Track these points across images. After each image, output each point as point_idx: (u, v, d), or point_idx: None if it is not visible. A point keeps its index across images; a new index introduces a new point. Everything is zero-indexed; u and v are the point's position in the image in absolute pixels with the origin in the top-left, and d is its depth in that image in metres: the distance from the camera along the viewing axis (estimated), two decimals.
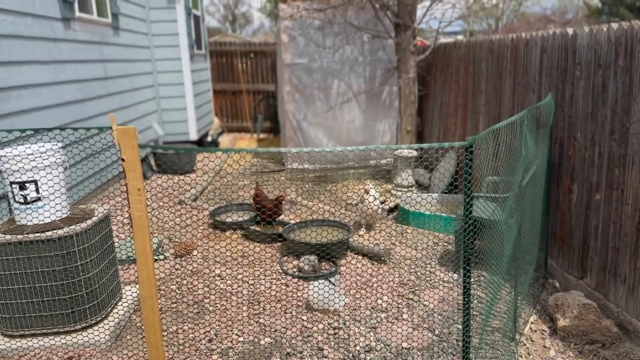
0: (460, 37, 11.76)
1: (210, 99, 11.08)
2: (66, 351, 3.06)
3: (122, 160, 1.96)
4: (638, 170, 3.08)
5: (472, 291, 3.44)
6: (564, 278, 3.93)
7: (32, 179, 3.04)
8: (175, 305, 3.68)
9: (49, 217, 3.14)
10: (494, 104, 5.26)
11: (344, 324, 3.42)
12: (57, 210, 3.18)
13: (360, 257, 4.51)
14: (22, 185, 3.04)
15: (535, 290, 3.92)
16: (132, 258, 4.34)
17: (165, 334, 3.30)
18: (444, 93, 7.01)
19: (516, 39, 4.66)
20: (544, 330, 3.42)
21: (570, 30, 3.74)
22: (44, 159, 3.05)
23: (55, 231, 3.02)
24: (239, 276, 4.12)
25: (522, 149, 2.88)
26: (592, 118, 3.51)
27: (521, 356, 3.12)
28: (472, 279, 3.44)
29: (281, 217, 5.27)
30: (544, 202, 4.07)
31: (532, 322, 3.51)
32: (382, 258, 4.42)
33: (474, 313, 3.30)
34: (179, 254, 4.52)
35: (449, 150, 6.72)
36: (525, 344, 3.26)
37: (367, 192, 5.04)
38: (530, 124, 3.40)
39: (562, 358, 3.12)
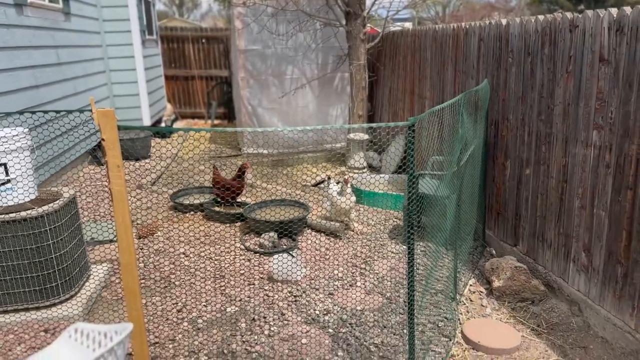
0: (408, 25, 12.19)
1: (163, 85, 11.06)
2: (41, 325, 3.22)
3: (103, 140, 2.15)
4: (561, 147, 3.50)
5: (417, 260, 3.80)
6: (500, 246, 4.37)
7: (1, 162, 3.15)
8: (143, 281, 3.87)
9: (18, 198, 3.27)
10: (437, 89, 5.65)
11: (304, 292, 3.72)
12: (26, 192, 3.30)
13: (317, 234, 4.81)
14: None
15: (474, 258, 4.34)
16: (96, 240, 4.47)
17: None
18: (393, 79, 7.37)
19: (457, 29, 5.03)
20: (481, 292, 3.83)
21: (504, 21, 4.12)
22: (11, 143, 3.16)
23: (27, 212, 3.16)
24: (203, 254, 4.34)
25: (459, 128, 3.23)
26: (523, 101, 3.92)
27: (461, 313, 3.51)
28: (416, 249, 3.80)
29: (241, 199, 5.50)
30: (482, 179, 4.49)
31: (471, 285, 3.92)
32: (338, 234, 4.74)
33: (420, 278, 3.67)
34: (143, 235, 4.69)
35: (398, 134, 7.09)
36: (465, 304, 3.66)
37: (346, 183, 4.80)
38: (468, 106, 3.77)
39: (497, 314, 3.53)
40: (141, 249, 4.45)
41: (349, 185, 4.81)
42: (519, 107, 3.97)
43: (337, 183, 5.00)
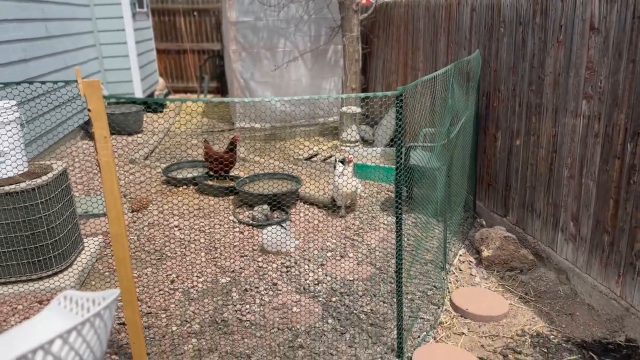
0: None
1: (154, 59, 10.94)
2: (35, 296, 3.25)
3: (89, 110, 2.14)
4: (551, 117, 3.51)
5: (407, 231, 3.84)
6: (490, 217, 4.41)
7: None
8: (137, 253, 3.90)
9: (9, 172, 3.26)
10: (430, 60, 5.61)
11: (296, 263, 3.76)
12: (16, 166, 3.30)
13: (309, 206, 4.84)
14: None
15: (464, 229, 4.38)
16: (89, 213, 4.49)
17: None
18: (386, 51, 7.31)
19: None
20: (470, 261, 3.88)
21: None
22: (2, 117, 3.14)
23: (18, 184, 3.16)
24: (196, 226, 4.36)
25: (448, 98, 3.23)
26: (514, 72, 3.91)
27: (450, 282, 3.56)
28: (407, 220, 3.84)
29: (234, 172, 5.51)
30: (473, 150, 4.50)
31: (460, 255, 3.97)
32: (329, 206, 4.77)
33: (410, 249, 3.71)
34: (135, 208, 4.70)
35: (391, 107, 7.07)
36: (454, 273, 3.71)
37: (350, 162, 4.50)
38: (459, 77, 3.76)
39: (486, 283, 3.59)
40: (134, 222, 4.47)
41: (351, 164, 4.50)
42: (510, 77, 3.96)
43: (343, 163, 4.57)
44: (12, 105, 3.19)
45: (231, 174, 5.44)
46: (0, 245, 3.21)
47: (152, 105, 9.33)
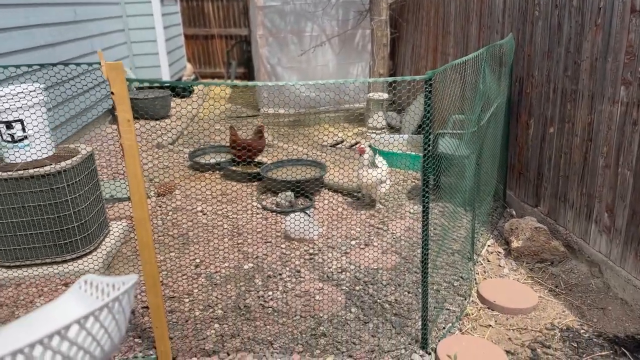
0: None
1: (182, 44, 10.98)
2: (61, 279, 3.29)
3: (112, 93, 2.12)
4: (587, 104, 3.36)
5: (435, 220, 3.76)
6: (521, 207, 4.28)
7: (18, 118, 3.16)
8: (161, 238, 3.92)
9: (35, 155, 3.29)
10: (461, 45, 5.46)
11: (319, 250, 3.72)
12: (43, 149, 3.33)
13: (334, 194, 4.79)
14: (8, 125, 3.16)
15: (493, 219, 4.27)
16: (115, 197, 4.53)
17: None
18: (416, 36, 7.16)
19: None
20: (499, 252, 3.78)
21: None
22: (28, 100, 3.16)
23: (45, 168, 3.19)
24: (220, 212, 4.36)
25: (479, 84, 3.11)
26: (549, 56, 3.75)
27: (477, 273, 3.48)
28: (434, 209, 3.75)
29: (258, 159, 5.48)
30: (504, 138, 4.37)
31: (489, 246, 3.87)
32: (355, 194, 4.71)
33: (437, 239, 3.63)
34: (161, 193, 4.72)
35: (419, 93, 6.93)
36: (482, 264, 3.62)
37: (361, 153, 4.31)
38: (491, 62, 3.63)
39: (515, 275, 3.49)
40: (159, 206, 4.49)
41: (365, 155, 4.29)
42: (545, 62, 3.81)
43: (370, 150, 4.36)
44: (38, 88, 3.21)
45: (256, 160, 5.42)
46: (27, 228, 3.26)
47: (180, 90, 9.38)
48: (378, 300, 3.11)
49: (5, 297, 3.13)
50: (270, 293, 3.18)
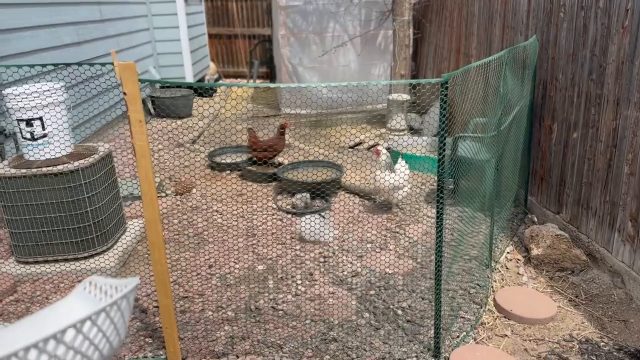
0: None
1: (206, 44, 11.04)
2: (77, 276, 3.33)
3: (124, 94, 2.12)
4: (612, 109, 3.26)
5: (453, 225, 3.69)
6: (542, 213, 4.18)
7: (37, 116, 3.21)
8: (177, 237, 3.94)
9: (55, 153, 3.34)
10: (484, 46, 5.36)
11: (334, 253, 3.69)
12: (62, 147, 3.37)
13: (351, 196, 4.74)
14: (28, 122, 3.21)
15: (514, 225, 4.18)
16: (133, 195, 4.57)
17: (168, 261, 3.57)
18: (439, 36, 7.06)
19: None
20: (518, 259, 3.69)
21: None
22: (47, 97, 3.21)
23: (65, 165, 3.23)
24: (236, 212, 4.36)
25: (500, 87, 3.04)
26: (573, 59, 3.65)
27: (495, 281, 3.40)
28: (452, 214, 3.68)
29: (277, 159, 5.48)
30: (527, 142, 4.27)
31: (508, 252, 3.78)
32: (372, 196, 4.66)
33: (454, 244, 3.56)
34: (179, 192, 4.75)
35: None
36: (500, 271, 3.54)
37: (377, 154, 4.25)
38: (513, 64, 3.54)
39: (534, 283, 3.40)
40: (177, 205, 4.51)
41: (381, 157, 4.19)
42: (569, 65, 3.70)
43: (387, 150, 4.31)
44: (58, 87, 3.25)
45: (275, 160, 5.42)
46: (44, 225, 3.30)
47: (201, 89, 9.43)
48: (391, 306, 3.06)
49: (22, 293, 3.18)
50: (282, 295, 3.16)
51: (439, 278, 2.57)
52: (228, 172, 5.37)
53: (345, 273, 3.42)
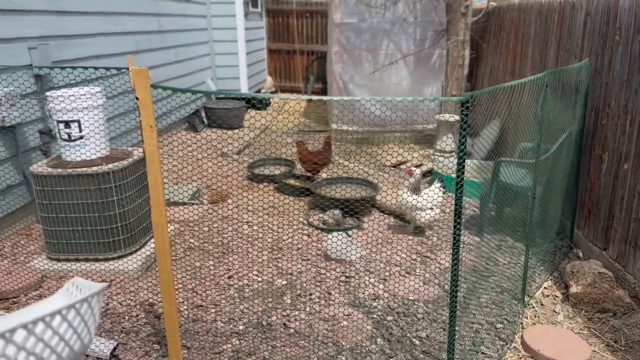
0: None
1: (264, 58, 11.26)
2: (101, 276, 3.40)
3: (137, 99, 2.14)
4: None
5: (490, 253, 3.49)
6: (588, 248, 3.88)
7: (75, 118, 3.33)
8: (204, 244, 3.96)
9: (90, 154, 3.44)
10: (538, 69, 5.11)
11: (357, 273, 3.57)
12: (97, 149, 3.47)
13: (385, 216, 4.61)
14: (66, 124, 3.33)
15: (557, 259, 3.90)
16: (170, 201, 4.65)
17: (189, 268, 3.58)
18: (495, 57, 6.83)
19: (563, 2, 4.48)
20: (556, 296, 3.43)
21: None
22: (85, 100, 3.32)
23: (95, 167, 3.32)
24: (265, 224, 4.34)
25: (537, 110, 2.85)
26: (627, 85, 3.39)
27: (526, 317, 3.17)
28: (489, 242, 3.48)
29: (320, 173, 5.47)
30: (575, 171, 4.00)
31: (545, 287, 3.52)
32: (406, 218, 4.51)
33: (488, 274, 3.36)
34: (214, 200, 4.79)
35: (495, 117, 6.58)
36: (534, 307, 3.30)
37: (410, 174, 4.16)
38: (558, 87, 3.33)
39: (570, 323, 3.14)
40: (210, 213, 4.55)
41: (412, 179, 4.08)
42: (623, 92, 3.44)
43: (420, 171, 4.27)
44: (96, 91, 3.36)
45: (320, 174, 5.44)
46: (76, 224, 3.40)
47: (256, 102, 9.58)
48: (408, 334, 2.91)
49: (47, 288, 3.28)
50: (296, 313, 3.08)
51: (453, 309, 2.41)
52: (265, 183, 5.38)
53: (365, 295, 3.30)
